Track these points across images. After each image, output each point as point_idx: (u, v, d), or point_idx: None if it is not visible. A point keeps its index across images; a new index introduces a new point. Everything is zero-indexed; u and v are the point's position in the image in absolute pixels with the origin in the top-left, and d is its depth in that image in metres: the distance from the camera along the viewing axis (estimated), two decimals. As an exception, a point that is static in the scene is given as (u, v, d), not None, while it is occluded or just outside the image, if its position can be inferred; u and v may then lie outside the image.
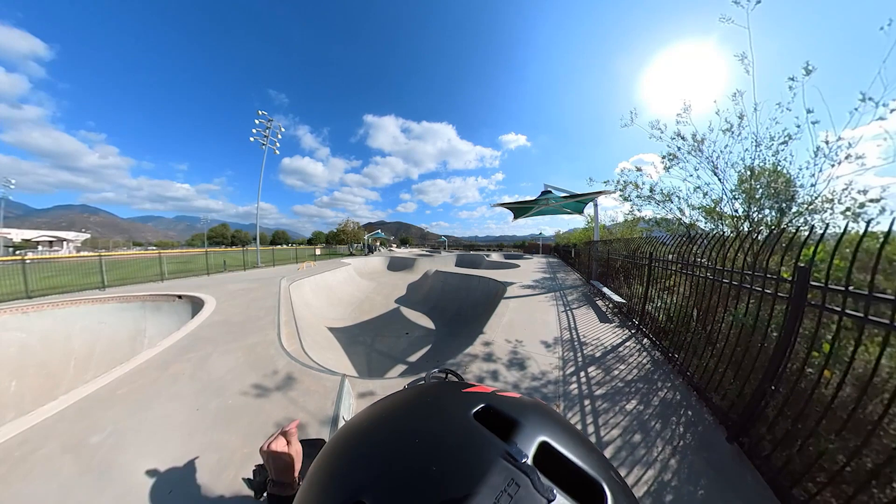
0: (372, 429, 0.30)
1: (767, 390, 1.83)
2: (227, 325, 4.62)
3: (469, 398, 0.31)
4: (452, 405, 0.31)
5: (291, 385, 2.69)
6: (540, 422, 0.29)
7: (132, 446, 1.98)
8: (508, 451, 0.24)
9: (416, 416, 0.30)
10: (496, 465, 0.22)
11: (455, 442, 0.26)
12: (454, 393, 0.34)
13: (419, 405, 0.32)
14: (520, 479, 0.21)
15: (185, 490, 1.63)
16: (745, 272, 2.04)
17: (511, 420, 0.28)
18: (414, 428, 0.28)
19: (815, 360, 1.70)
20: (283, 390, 2.61)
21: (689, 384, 2.57)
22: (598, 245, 7.73)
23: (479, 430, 0.26)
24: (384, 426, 0.30)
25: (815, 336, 1.59)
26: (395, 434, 0.28)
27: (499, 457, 0.23)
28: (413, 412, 0.31)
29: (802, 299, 1.66)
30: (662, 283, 3.42)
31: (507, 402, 0.32)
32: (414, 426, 0.29)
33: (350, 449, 0.28)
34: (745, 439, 1.91)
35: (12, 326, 5.72)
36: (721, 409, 2.13)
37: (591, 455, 0.28)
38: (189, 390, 2.64)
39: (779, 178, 2.83)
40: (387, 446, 0.26)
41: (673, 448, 1.88)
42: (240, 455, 1.85)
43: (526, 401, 0.33)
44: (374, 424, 0.31)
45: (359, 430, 0.30)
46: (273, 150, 20.71)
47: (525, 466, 0.23)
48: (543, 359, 3.16)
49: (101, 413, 2.36)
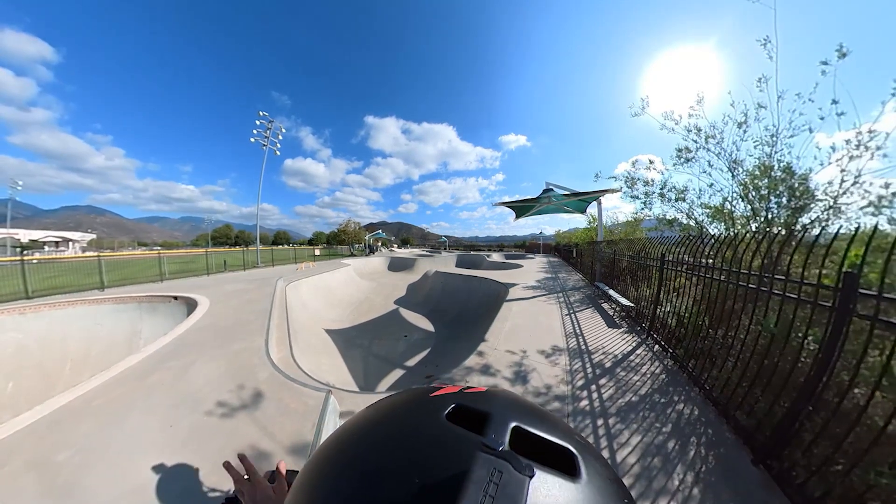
0: (347, 451, 0.28)
1: (803, 410, 1.61)
2: (215, 329, 4.47)
3: (438, 402, 0.32)
4: (423, 413, 0.31)
5: (271, 400, 2.49)
6: (509, 409, 0.31)
7: (98, 466, 1.85)
8: (485, 442, 0.25)
9: (393, 430, 0.29)
10: (477, 459, 0.23)
11: (433, 448, 0.26)
12: (422, 400, 0.34)
13: (394, 419, 0.32)
14: (501, 466, 0.22)
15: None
16: (777, 277, 1.81)
17: (482, 413, 0.30)
18: (391, 443, 0.27)
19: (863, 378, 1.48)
20: (261, 407, 2.41)
21: (706, 397, 2.35)
22: (603, 245, 7.48)
23: (453, 431, 0.27)
24: (360, 446, 0.29)
25: (864, 352, 1.37)
26: (374, 452, 0.27)
27: (478, 451, 0.24)
28: (389, 427, 0.30)
29: (849, 309, 1.44)
30: (675, 286, 3.18)
31: (475, 398, 0.33)
32: (390, 441, 0.28)
33: (328, 477, 0.27)
34: (773, 463, 1.70)
35: (9, 327, 5.69)
36: (746, 429, 1.91)
37: (557, 427, 0.31)
38: (165, 403, 2.48)
39: (795, 174, 2.57)
40: (366, 468, 0.25)
41: (696, 473, 1.68)
42: (211, 479, 1.69)
43: (494, 392, 0.35)
44: (350, 446, 0.29)
45: (334, 456, 0.29)
46: (274, 151, 20.67)
47: (503, 453, 0.24)
48: (549, 370, 2.93)
49: (72, 427, 2.23)
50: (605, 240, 7.82)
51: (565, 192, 8.27)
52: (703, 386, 2.41)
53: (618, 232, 10.26)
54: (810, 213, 2.56)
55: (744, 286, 2.07)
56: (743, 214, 3.17)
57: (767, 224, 2.78)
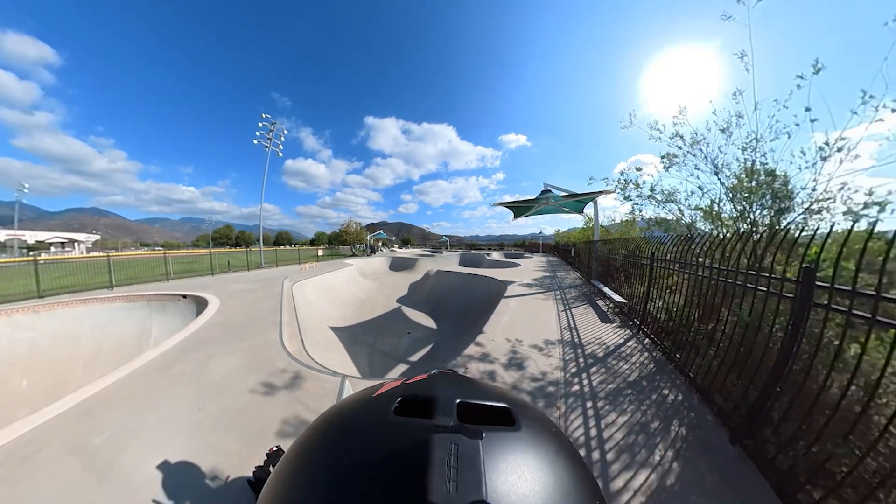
0: (312, 471, 0.28)
1: (772, 392, 1.79)
2: (229, 325, 4.66)
3: (383, 400, 0.33)
4: (372, 414, 0.32)
5: (292, 386, 2.70)
6: (450, 387, 0.34)
7: (134, 447, 2.00)
8: (436, 423, 0.27)
9: (348, 440, 0.30)
10: (432, 441, 0.25)
11: (389, 443, 0.27)
12: (367, 402, 0.35)
13: (345, 428, 0.32)
14: (455, 439, 0.25)
15: (186, 490, 1.64)
16: (750, 272, 1.99)
17: (428, 398, 0.32)
18: (346, 453, 0.28)
19: (822, 361, 1.65)
20: (284, 391, 2.62)
21: (691, 384, 2.53)
22: (598, 245, 7.67)
23: (404, 422, 0.29)
24: (322, 462, 0.29)
25: (821, 337, 1.55)
26: (330, 471, 0.27)
27: (431, 434, 0.26)
28: (343, 437, 0.31)
29: (808, 299, 1.62)
30: (664, 283, 3.37)
31: (418, 386, 0.35)
32: (345, 452, 0.28)
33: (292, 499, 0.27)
34: (748, 441, 1.87)
35: (24, 326, 5.85)
36: (724, 411, 2.09)
37: (494, 393, 0.34)
38: (190, 392, 2.66)
39: (777, 178, 2.77)
40: (327, 486, 0.25)
41: (676, 450, 1.85)
42: (239, 457, 1.86)
43: (433, 376, 0.38)
44: (311, 466, 0.29)
45: (293, 477, 0.29)
46: (276, 153, 20.84)
47: (454, 427, 0.27)
48: (544, 359, 3.13)
49: (104, 414, 2.39)
50: (601, 239, 8.01)
51: (563, 194, 8.45)
52: (688, 374, 2.59)
53: (615, 231, 10.44)
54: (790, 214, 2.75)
55: (722, 281, 2.26)
56: (730, 216, 3.36)
57: (752, 225, 2.97)
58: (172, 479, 1.71)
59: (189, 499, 1.59)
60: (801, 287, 1.63)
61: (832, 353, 1.50)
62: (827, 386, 1.51)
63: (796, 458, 1.62)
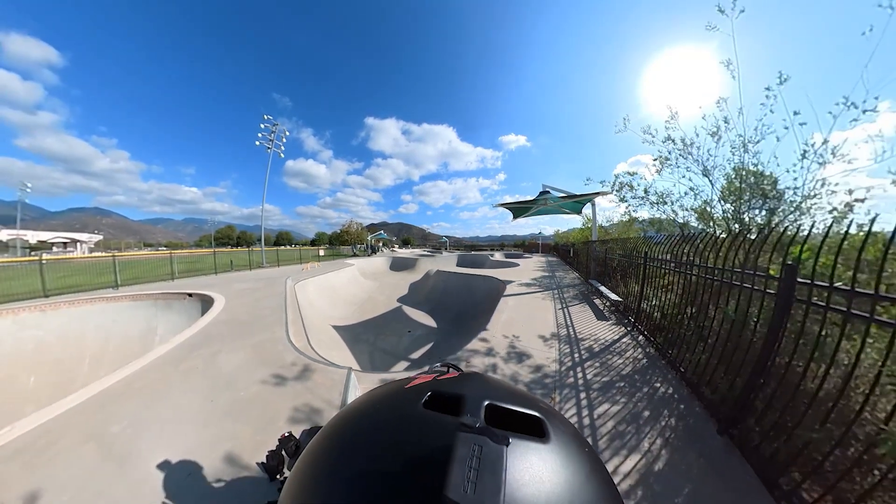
0: (336, 454, 0.30)
1: (756, 384, 1.88)
2: (235, 323, 4.76)
3: (414, 392, 0.34)
4: (402, 405, 0.33)
5: (300, 378, 2.80)
6: (481, 388, 0.34)
7: (150, 435, 2.09)
8: (463, 422, 0.27)
9: (376, 427, 0.31)
10: (458, 439, 0.25)
11: (416, 436, 0.28)
12: (400, 393, 0.36)
13: (375, 416, 0.33)
14: (480, 441, 0.25)
15: (202, 474, 1.72)
16: (736, 270, 2.09)
17: (457, 396, 0.32)
18: (377, 439, 0.29)
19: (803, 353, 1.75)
20: (293, 383, 2.72)
21: (682, 379, 2.63)
22: (596, 245, 7.78)
23: (432, 417, 0.29)
24: (348, 445, 0.30)
25: (801, 330, 1.65)
26: (360, 452, 0.28)
27: (457, 431, 0.26)
28: (372, 424, 0.32)
29: (790, 295, 1.71)
30: (657, 282, 3.48)
31: (449, 383, 0.35)
32: (375, 438, 0.30)
33: (320, 481, 0.28)
34: (734, 431, 1.97)
35: (30, 324, 5.93)
36: (712, 403, 2.18)
37: (525, 399, 0.33)
38: (202, 384, 2.76)
39: (766, 179, 2.88)
40: (356, 467, 0.27)
41: (665, 439, 1.94)
42: (253, 442, 1.95)
43: (465, 375, 0.38)
44: (337, 449, 0.31)
45: (322, 459, 0.30)
46: (278, 154, 20.97)
47: (480, 429, 0.26)
48: (541, 354, 3.23)
49: (119, 405, 2.47)
50: (599, 239, 8.12)
51: (561, 194, 8.56)
52: (679, 369, 2.69)
53: (613, 231, 10.53)
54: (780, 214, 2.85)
55: (710, 279, 2.37)
56: (722, 217, 3.47)
57: (741, 224, 3.07)
58: (189, 464, 1.78)
59: (206, 481, 1.66)
60: (783, 283, 1.72)
61: (812, 346, 1.59)
62: (815, 377, 1.60)
63: (778, 445, 1.71)
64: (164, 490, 1.61)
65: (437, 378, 0.37)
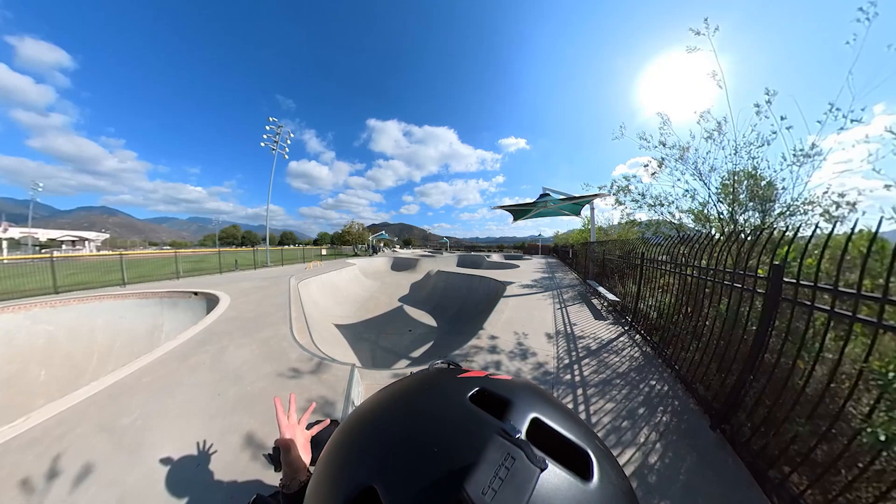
0: (377, 417, 0.31)
1: (747, 380, 1.93)
2: (241, 320, 4.86)
3: (464, 383, 0.33)
4: (450, 390, 0.33)
5: (305, 374, 2.87)
6: (531, 400, 0.31)
7: (159, 427, 2.15)
8: (503, 428, 0.26)
9: (419, 403, 0.32)
10: (493, 441, 0.24)
11: (454, 424, 0.27)
12: (451, 378, 0.36)
13: (420, 392, 0.34)
14: (515, 453, 0.23)
15: (211, 465, 1.77)
16: (727, 270, 2.15)
17: (504, 400, 0.30)
18: (416, 414, 0.30)
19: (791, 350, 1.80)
20: (299, 378, 2.79)
21: (676, 376, 2.68)
22: (595, 246, 7.83)
23: (475, 412, 0.28)
24: (388, 414, 0.31)
25: (788, 329, 1.70)
26: (399, 420, 0.30)
27: (495, 434, 0.25)
28: (415, 399, 0.33)
29: (777, 295, 1.76)
30: (653, 282, 3.53)
31: (499, 384, 0.33)
32: (416, 412, 0.30)
33: (357, 438, 0.30)
34: (726, 427, 2.02)
35: (42, 319, 6.07)
36: (705, 399, 2.23)
37: (577, 427, 0.30)
38: (209, 379, 2.84)
39: (759, 181, 2.93)
40: (391, 433, 0.28)
41: (659, 434, 1.99)
42: (259, 434, 2.03)
43: (517, 382, 0.35)
44: (379, 413, 0.32)
45: (365, 420, 0.32)
46: (283, 155, 21.18)
47: (519, 441, 0.24)
48: (540, 351, 3.29)
49: (128, 398, 2.55)
50: (597, 241, 8.17)
51: (561, 197, 8.62)
52: (675, 367, 2.74)
53: (613, 233, 10.56)
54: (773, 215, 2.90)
55: (703, 279, 2.42)
56: (718, 218, 3.51)
57: (735, 225, 3.12)
58: (198, 455, 1.84)
59: (213, 472, 1.72)
60: (771, 283, 1.78)
61: (798, 343, 1.64)
62: (802, 374, 1.65)
63: (767, 439, 1.76)
64: (173, 480, 1.67)
65: (489, 376, 0.36)
